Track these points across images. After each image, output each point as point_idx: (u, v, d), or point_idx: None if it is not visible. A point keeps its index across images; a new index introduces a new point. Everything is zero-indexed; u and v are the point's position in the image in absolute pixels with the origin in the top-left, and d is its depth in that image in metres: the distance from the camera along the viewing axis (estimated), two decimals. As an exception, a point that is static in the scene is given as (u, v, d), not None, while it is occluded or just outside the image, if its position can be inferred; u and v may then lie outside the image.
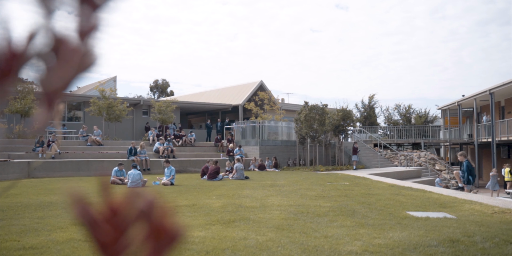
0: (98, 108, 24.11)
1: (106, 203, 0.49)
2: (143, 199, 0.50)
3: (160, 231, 0.49)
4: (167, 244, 0.49)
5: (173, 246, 0.49)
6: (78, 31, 0.53)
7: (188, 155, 23.48)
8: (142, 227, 0.49)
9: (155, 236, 0.49)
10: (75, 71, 0.53)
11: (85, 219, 0.48)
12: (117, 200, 0.49)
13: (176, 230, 0.50)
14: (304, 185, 13.92)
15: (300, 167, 24.31)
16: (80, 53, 0.54)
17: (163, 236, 0.49)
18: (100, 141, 22.40)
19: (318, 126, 24.57)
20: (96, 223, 0.48)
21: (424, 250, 5.23)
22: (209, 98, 37.91)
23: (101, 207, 0.49)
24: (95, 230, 0.48)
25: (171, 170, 14.67)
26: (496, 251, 5.19)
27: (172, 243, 0.49)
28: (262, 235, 6.12)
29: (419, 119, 42.77)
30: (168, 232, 0.49)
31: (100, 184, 0.50)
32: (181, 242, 0.50)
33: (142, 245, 0.48)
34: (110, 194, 0.50)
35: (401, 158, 29.23)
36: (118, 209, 0.49)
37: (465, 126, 35.60)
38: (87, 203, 0.49)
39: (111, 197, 0.50)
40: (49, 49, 0.52)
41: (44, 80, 0.51)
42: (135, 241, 0.48)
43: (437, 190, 13.13)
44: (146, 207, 0.50)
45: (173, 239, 0.49)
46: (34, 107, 21.76)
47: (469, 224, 6.96)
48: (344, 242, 5.72)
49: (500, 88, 26.99)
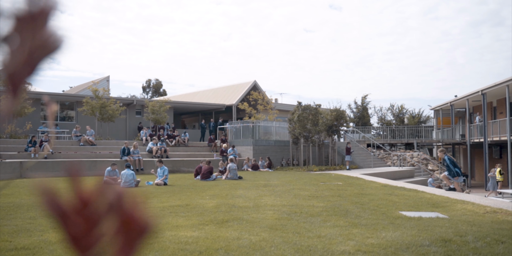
0: (91, 108, 24.01)
1: (76, 195, 0.48)
2: (113, 190, 0.49)
3: (130, 223, 0.48)
4: (138, 235, 0.49)
5: (144, 238, 0.49)
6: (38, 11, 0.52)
7: (181, 155, 23.44)
8: (112, 218, 0.48)
9: (126, 228, 0.48)
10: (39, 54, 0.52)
11: (54, 211, 0.47)
12: (87, 192, 0.48)
13: (146, 221, 0.49)
14: (298, 185, 13.94)
15: (293, 167, 24.34)
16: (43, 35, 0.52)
17: (134, 228, 0.48)
18: (93, 141, 22.32)
19: (312, 126, 24.62)
20: (66, 215, 0.47)
21: (417, 250, 5.26)
22: (203, 98, 37.87)
23: (71, 199, 0.48)
24: (65, 222, 0.47)
25: (164, 170, 14.65)
26: (487, 251, 5.22)
27: (143, 235, 0.49)
28: (255, 235, 6.12)
29: (412, 119, 42.94)
30: (139, 224, 0.49)
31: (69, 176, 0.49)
32: (152, 234, 0.49)
33: (113, 237, 0.48)
34: (80, 186, 0.49)
35: (394, 158, 29.34)
36: (89, 200, 0.48)
37: (457, 127, 35.77)
38: (57, 195, 0.48)
39: (81, 189, 0.49)
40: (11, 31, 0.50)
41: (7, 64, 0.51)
42: (107, 233, 0.48)
43: (430, 190, 13.19)
44: (116, 198, 0.49)
45: (144, 230, 0.49)
46: (26, 106, 21.65)
47: (461, 224, 7.00)
48: (337, 242, 5.74)
49: (492, 89, 27.15)
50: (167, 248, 5.38)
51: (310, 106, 25.27)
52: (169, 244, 5.56)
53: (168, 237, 6.03)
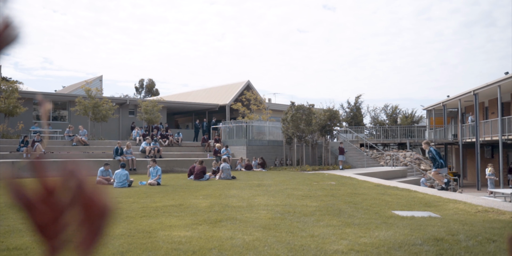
0: (84, 108, 23.92)
1: (40, 185, 0.49)
2: (74, 177, 0.50)
3: (91, 207, 0.49)
4: (99, 219, 0.49)
5: (105, 220, 0.49)
6: None
7: (174, 155, 23.41)
8: (75, 205, 0.49)
9: (87, 213, 0.49)
10: None
11: (20, 201, 0.48)
12: (50, 182, 0.49)
13: (105, 205, 0.50)
14: (291, 185, 13.96)
15: (286, 167, 24.37)
16: None
17: (94, 212, 0.49)
18: (85, 141, 22.24)
19: (305, 126, 24.67)
20: (31, 204, 0.48)
21: (409, 249, 5.29)
22: (196, 98, 37.83)
23: (36, 188, 0.49)
24: (31, 211, 0.48)
25: (158, 170, 14.63)
26: (479, 249, 5.26)
27: (103, 218, 0.49)
28: (248, 235, 6.14)
29: (405, 119, 43.13)
30: (98, 206, 0.49)
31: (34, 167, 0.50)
32: (113, 216, 0.50)
33: (78, 224, 0.49)
34: (44, 175, 0.50)
35: (387, 158, 29.46)
36: (53, 189, 0.49)
37: (450, 126, 35.96)
38: (22, 185, 0.48)
39: (45, 178, 0.49)
40: None
41: None
42: (71, 220, 0.49)
43: (422, 189, 13.26)
44: (77, 185, 0.49)
45: (104, 212, 0.49)
46: (19, 106, 21.53)
47: (453, 223, 7.05)
48: (331, 241, 5.76)
49: (484, 89, 27.33)
50: (160, 248, 5.38)
51: (303, 106, 25.32)
52: (162, 244, 5.56)
53: (162, 237, 6.03)
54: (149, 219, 7.54)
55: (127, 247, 5.41)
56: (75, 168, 0.51)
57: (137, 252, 5.20)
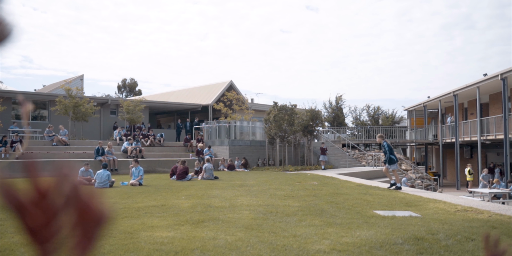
0: (64, 107, 23.63)
1: (33, 187, 0.48)
2: (69, 182, 0.49)
3: (86, 213, 0.48)
4: (94, 225, 0.49)
5: (101, 227, 0.49)
6: None
7: (156, 155, 23.26)
8: (69, 210, 0.48)
9: (82, 218, 0.48)
10: None
11: (12, 204, 0.47)
12: (44, 184, 0.48)
13: (102, 211, 0.49)
14: (273, 185, 13.99)
15: (269, 167, 24.41)
16: None
17: (90, 218, 0.48)
18: (66, 140, 21.98)
19: (287, 126, 24.74)
20: (23, 207, 0.47)
21: (390, 248, 5.35)
22: (179, 97, 37.66)
23: (29, 191, 0.48)
24: (22, 214, 0.47)
25: (140, 170, 14.53)
26: (458, 248, 5.35)
27: (99, 225, 0.49)
28: (231, 235, 6.14)
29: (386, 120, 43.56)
30: (95, 214, 0.49)
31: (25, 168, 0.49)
32: (109, 223, 0.49)
33: (71, 229, 0.48)
34: (37, 179, 0.49)
35: (369, 158, 29.70)
36: (46, 193, 0.48)
37: (430, 127, 36.40)
38: (14, 188, 0.48)
39: (38, 182, 0.48)
40: None
41: None
42: (65, 225, 0.48)
43: (403, 189, 13.41)
44: (72, 190, 0.49)
45: (100, 220, 0.49)
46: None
47: (433, 222, 7.15)
48: (313, 241, 5.79)
49: (463, 90, 27.73)
50: (142, 248, 5.35)
51: (286, 106, 25.38)
52: (144, 245, 5.53)
53: (144, 237, 5.99)
54: (131, 219, 7.49)
55: (109, 248, 5.37)
56: (69, 171, 0.50)
57: (119, 253, 5.16)
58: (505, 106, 22.58)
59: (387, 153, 13.21)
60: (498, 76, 22.76)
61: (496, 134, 24.12)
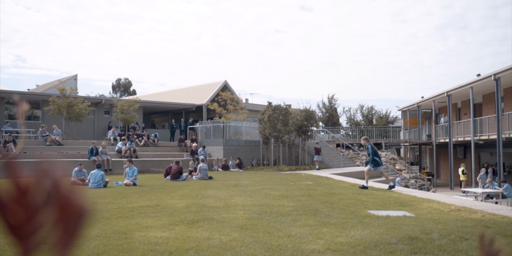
0: (58, 107, 23.54)
1: (13, 184, 0.48)
2: (49, 177, 0.49)
3: (67, 208, 0.48)
4: (75, 220, 0.48)
5: (82, 222, 0.49)
6: None
7: (151, 155, 23.21)
8: (51, 205, 0.48)
9: (63, 214, 0.48)
10: None
11: None
12: (24, 180, 0.48)
13: (83, 206, 0.49)
14: (268, 185, 13.99)
15: (263, 167, 24.42)
16: None
17: (71, 213, 0.48)
18: (60, 140, 21.89)
19: (282, 126, 24.75)
20: (3, 204, 0.47)
21: (385, 248, 5.37)
22: (173, 97, 37.59)
23: (9, 188, 0.48)
24: (3, 211, 0.47)
25: (134, 170, 14.50)
26: (452, 248, 5.37)
27: (80, 219, 0.49)
28: (226, 235, 6.13)
29: (380, 120, 43.68)
30: (76, 208, 0.48)
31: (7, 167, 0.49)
32: (90, 217, 0.49)
33: (53, 224, 0.48)
34: (17, 175, 0.49)
35: (363, 158, 29.76)
36: (26, 189, 0.48)
37: (424, 127, 36.56)
38: None
39: (18, 178, 0.49)
40: None
41: None
42: (46, 220, 0.48)
43: (397, 189, 13.45)
44: (53, 185, 0.49)
45: (81, 214, 0.49)
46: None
47: (427, 222, 7.17)
48: (307, 241, 5.80)
49: (457, 91, 27.87)
50: (136, 249, 5.33)
51: (280, 106, 25.40)
52: (138, 245, 5.52)
53: (138, 238, 5.98)
54: (125, 220, 7.47)
55: (103, 248, 5.35)
56: (50, 167, 0.50)
57: (113, 253, 5.15)
58: (498, 106, 22.70)
59: (371, 155, 13.25)
60: (491, 77, 22.88)
61: (489, 134, 24.25)
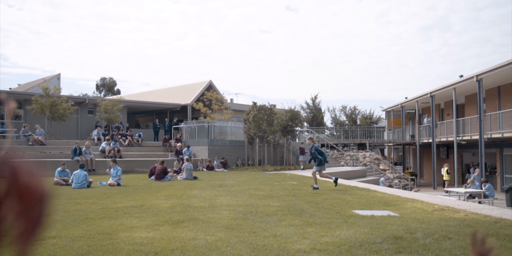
0: (40, 107, 23.26)
1: None
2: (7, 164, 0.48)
3: (27, 193, 0.47)
4: (37, 204, 0.47)
5: (44, 206, 0.48)
6: None
7: (135, 155, 23.06)
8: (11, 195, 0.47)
9: (24, 199, 0.47)
10: None
11: None
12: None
13: (42, 189, 0.48)
14: (253, 185, 14.00)
15: (248, 167, 24.41)
16: None
17: (31, 197, 0.47)
18: (42, 140, 21.62)
19: (267, 127, 24.77)
20: None
21: (370, 247, 5.40)
22: (158, 97, 37.40)
23: None
24: None
25: (118, 170, 14.38)
26: (436, 247, 5.42)
27: (42, 203, 0.48)
28: (211, 235, 6.11)
29: (364, 120, 43.98)
30: (35, 192, 0.47)
31: None
32: (50, 200, 0.48)
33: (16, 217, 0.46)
34: None
35: (347, 158, 29.94)
36: None
37: (407, 127, 36.90)
38: None
39: None
40: None
41: None
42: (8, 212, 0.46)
43: (382, 189, 13.55)
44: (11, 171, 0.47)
45: (41, 198, 0.47)
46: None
47: (411, 222, 7.23)
48: (293, 240, 5.81)
49: (440, 91, 28.18)
50: (121, 249, 5.29)
51: (265, 106, 25.42)
52: (123, 246, 5.47)
53: (123, 238, 5.93)
54: (109, 220, 7.40)
55: (87, 249, 5.30)
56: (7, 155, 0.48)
57: (98, 254, 5.09)
58: (480, 107, 23.01)
59: (317, 155, 13.30)
60: (474, 78, 23.18)
61: (472, 134, 24.57)
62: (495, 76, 22.94)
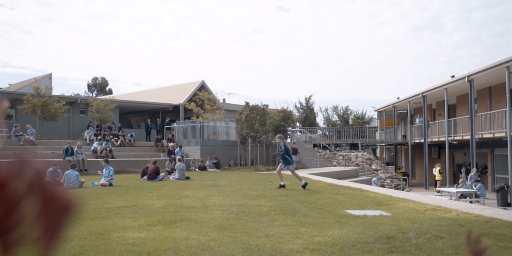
0: (32, 106, 23.11)
1: None
2: (31, 169, 0.46)
3: (52, 201, 0.46)
4: (62, 214, 0.46)
5: (68, 216, 0.46)
6: None
7: (127, 155, 22.97)
8: (33, 198, 0.45)
9: (47, 206, 0.45)
10: None
11: None
12: (3, 172, 0.45)
13: (69, 199, 0.46)
14: (245, 185, 13.99)
15: (241, 167, 24.39)
16: None
17: (56, 206, 0.46)
18: (34, 140, 21.48)
19: (259, 127, 24.77)
20: None
21: (362, 247, 5.41)
22: (150, 97, 37.29)
23: None
24: None
25: (110, 170, 14.33)
26: (428, 246, 5.45)
27: (66, 213, 0.46)
28: (204, 235, 6.10)
29: (357, 120, 44.11)
30: (61, 201, 0.46)
31: None
32: (77, 212, 0.46)
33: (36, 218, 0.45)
34: None
35: (340, 158, 30.00)
36: (5, 181, 0.45)
37: (399, 127, 37.02)
38: None
39: None
40: None
41: None
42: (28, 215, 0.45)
43: (374, 189, 13.59)
44: (35, 177, 0.46)
45: (68, 208, 0.46)
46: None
47: (404, 221, 7.26)
48: (286, 240, 5.81)
49: (431, 92, 28.32)
50: (113, 250, 5.27)
51: (257, 106, 25.42)
52: (115, 246, 5.45)
53: (115, 238, 5.90)
54: (102, 220, 7.37)
55: (79, 249, 5.27)
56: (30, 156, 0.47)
57: (90, 254, 5.07)
58: (472, 108, 23.15)
59: (282, 151, 13.35)
60: (465, 78, 23.32)
61: (463, 134, 24.71)
62: (486, 77, 23.09)
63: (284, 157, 13.28)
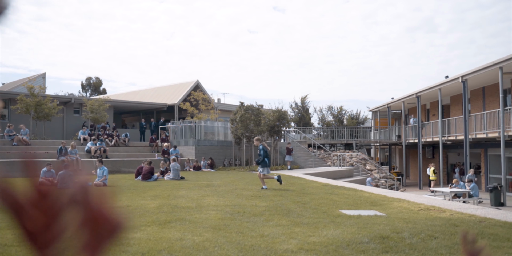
0: (25, 106, 23.00)
1: (33, 186, 0.43)
2: (76, 181, 0.45)
3: (98, 218, 0.43)
4: (107, 233, 0.44)
5: (115, 236, 0.44)
6: None
7: (121, 155, 22.90)
8: (75, 212, 0.43)
9: (93, 224, 0.43)
10: None
11: (8, 203, 0.42)
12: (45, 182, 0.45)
13: (117, 218, 0.44)
14: (240, 185, 13.98)
15: (236, 167, 24.38)
16: None
17: (102, 224, 0.43)
18: (27, 140, 21.37)
19: (254, 127, 24.77)
20: (22, 208, 0.42)
21: (357, 247, 5.42)
22: (144, 97, 37.19)
23: (28, 190, 0.43)
24: (21, 216, 0.42)
25: (104, 170, 14.28)
26: (422, 246, 5.46)
27: (113, 233, 0.44)
28: (198, 236, 6.09)
29: (351, 120, 44.20)
30: (108, 220, 0.44)
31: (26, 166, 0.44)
32: (124, 232, 0.44)
33: (77, 233, 0.43)
34: (37, 176, 0.44)
35: (334, 158, 30.03)
36: (47, 192, 0.43)
37: (394, 128, 37.13)
38: (11, 186, 0.42)
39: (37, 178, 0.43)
40: None
41: None
42: (69, 228, 0.43)
43: (368, 189, 13.62)
44: (80, 189, 0.44)
45: (114, 228, 0.44)
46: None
47: (398, 221, 7.28)
48: (280, 240, 5.81)
49: (426, 92, 28.42)
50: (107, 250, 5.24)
51: (252, 106, 25.41)
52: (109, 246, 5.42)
53: (109, 239, 5.88)
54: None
55: (73, 250, 5.24)
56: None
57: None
58: (465, 108, 23.25)
59: (262, 156, 13.35)
60: (459, 79, 23.42)
61: (457, 134, 24.82)
62: (480, 77, 23.20)
63: (263, 160, 13.26)
